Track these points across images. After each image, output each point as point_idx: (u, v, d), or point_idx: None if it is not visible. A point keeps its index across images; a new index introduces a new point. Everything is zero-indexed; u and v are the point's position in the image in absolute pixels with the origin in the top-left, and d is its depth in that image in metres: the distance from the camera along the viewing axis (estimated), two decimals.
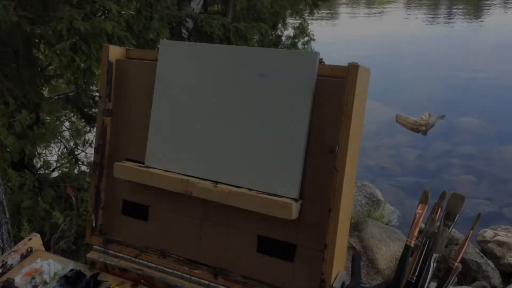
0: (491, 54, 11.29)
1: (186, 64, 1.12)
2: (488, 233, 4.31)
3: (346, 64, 0.95)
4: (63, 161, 3.92)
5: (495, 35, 13.25)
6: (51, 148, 4.09)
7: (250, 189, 1.03)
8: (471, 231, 0.94)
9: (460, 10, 18.23)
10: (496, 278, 3.84)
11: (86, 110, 4.49)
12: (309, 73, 0.98)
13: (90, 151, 4.33)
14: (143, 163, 1.17)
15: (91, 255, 1.21)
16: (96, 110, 2.51)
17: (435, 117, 7.62)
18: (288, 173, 1.00)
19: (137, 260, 1.17)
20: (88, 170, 4.09)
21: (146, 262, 1.16)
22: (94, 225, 1.23)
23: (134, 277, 1.15)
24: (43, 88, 4.43)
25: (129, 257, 1.18)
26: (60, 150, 4.11)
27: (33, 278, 1.15)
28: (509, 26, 14.68)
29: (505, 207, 5.21)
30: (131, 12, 3.76)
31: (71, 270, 1.17)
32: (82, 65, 3.12)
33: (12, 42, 3.51)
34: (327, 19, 18.18)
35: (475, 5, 18.89)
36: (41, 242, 1.28)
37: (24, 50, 3.76)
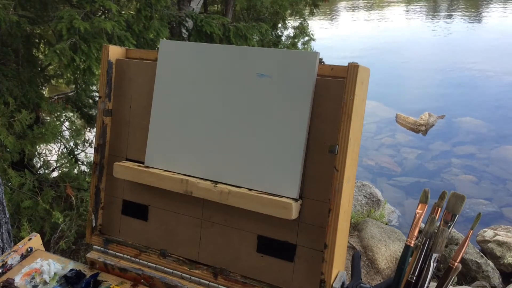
0: (491, 53, 11.29)
1: (186, 64, 1.12)
2: (488, 233, 4.31)
3: (346, 64, 0.95)
4: (63, 161, 3.92)
5: (495, 34, 13.25)
6: (51, 148, 4.10)
7: (250, 189, 1.03)
8: (471, 231, 0.94)
9: (460, 10, 18.23)
10: (496, 278, 3.84)
11: (86, 110, 4.50)
12: (309, 73, 0.98)
13: (90, 151, 4.34)
14: (143, 163, 1.17)
15: (91, 255, 1.21)
16: (96, 110, 2.51)
17: (435, 117, 7.63)
18: (288, 173, 1.00)
19: (137, 260, 1.17)
20: (88, 170, 4.10)
21: (146, 262, 1.16)
22: (94, 225, 1.23)
23: (134, 277, 1.15)
24: (43, 88, 4.43)
25: (129, 257, 1.18)
26: (60, 150, 4.11)
27: (33, 278, 1.15)
28: (509, 25, 14.68)
29: (505, 207, 5.21)
30: (131, 12, 3.77)
31: (71, 270, 1.17)
32: (82, 65, 3.13)
33: (12, 42, 3.52)
34: (327, 19, 18.19)
35: (475, 5, 18.90)
36: (41, 242, 1.28)
37: (24, 50, 3.76)
